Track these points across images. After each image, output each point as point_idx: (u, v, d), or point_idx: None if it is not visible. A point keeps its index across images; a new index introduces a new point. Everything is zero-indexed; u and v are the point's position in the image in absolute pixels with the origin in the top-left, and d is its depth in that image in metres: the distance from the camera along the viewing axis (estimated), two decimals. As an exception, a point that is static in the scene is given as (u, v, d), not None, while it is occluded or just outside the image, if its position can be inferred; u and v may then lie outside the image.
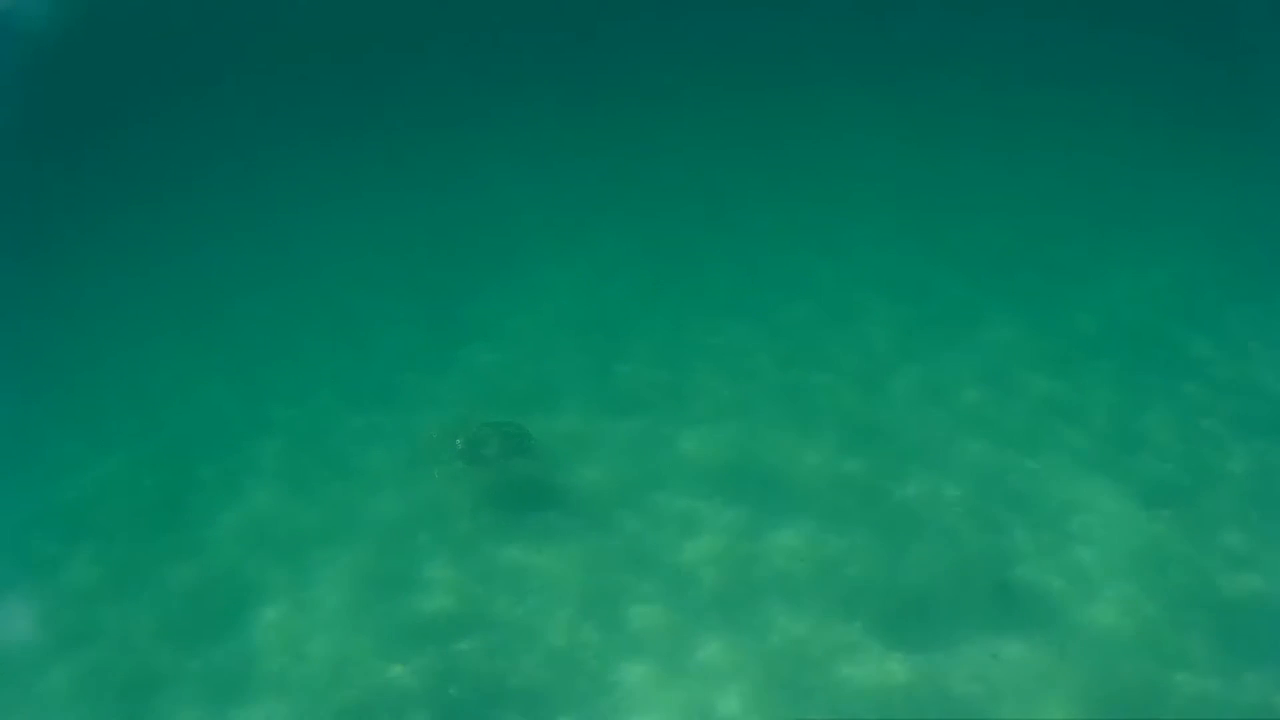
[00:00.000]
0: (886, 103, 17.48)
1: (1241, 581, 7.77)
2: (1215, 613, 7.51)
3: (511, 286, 13.87)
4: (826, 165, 16.20)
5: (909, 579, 8.10)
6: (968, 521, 8.64)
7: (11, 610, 9.09)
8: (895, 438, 9.85)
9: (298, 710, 7.67)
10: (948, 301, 12.45)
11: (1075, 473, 9.11)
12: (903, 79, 18.12)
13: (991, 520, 8.63)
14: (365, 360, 12.53)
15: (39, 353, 13.71)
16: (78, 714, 7.91)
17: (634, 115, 17.98)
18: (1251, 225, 13.45)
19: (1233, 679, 6.96)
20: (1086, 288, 12.48)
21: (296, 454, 10.85)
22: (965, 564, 8.16)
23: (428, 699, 7.56)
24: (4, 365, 13.48)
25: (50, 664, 8.40)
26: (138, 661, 8.33)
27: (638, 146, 17.15)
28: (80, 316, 14.59)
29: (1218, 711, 6.74)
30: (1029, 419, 9.96)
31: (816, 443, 9.86)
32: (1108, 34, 18.37)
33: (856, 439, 9.86)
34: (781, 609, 7.96)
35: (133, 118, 17.98)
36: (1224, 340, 10.99)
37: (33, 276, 15.47)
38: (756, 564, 8.45)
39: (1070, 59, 18.26)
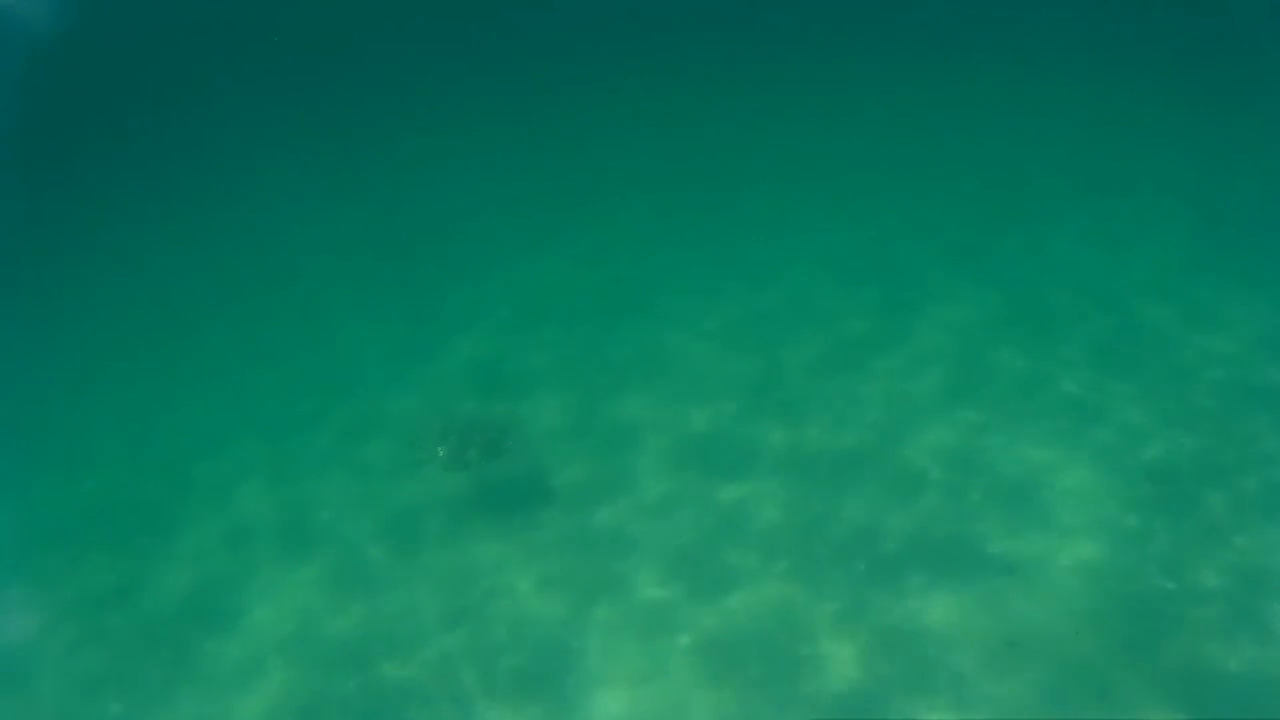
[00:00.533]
0: (866, 84, 17.45)
1: (1221, 552, 7.71)
2: (1193, 583, 7.44)
3: (492, 280, 14.01)
4: (804, 148, 16.22)
5: (887, 554, 8.10)
6: (943, 498, 8.62)
7: (17, 618, 9.35)
8: (872, 416, 9.88)
9: (296, 709, 7.75)
10: (923, 279, 12.46)
11: (1049, 447, 9.06)
12: (881, 59, 18.07)
13: (967, 496, 8.60)
14: (351, 358, 12.77)
15: (31, 363, 13.78)
16: (81, 715, 8.10)
17: (606, 108, 17.96)
18: (1232, 196, 13.32)
19: (1228, 645, 6.91)
20: (1063, 262, 12.45)
21: (285, 457, 11.05)
22: (942, 540, 8.15)
23: (422, 694, 7.64)
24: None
25: (54, 668, 8.65)
26: (136, 662, 8.53)
27: (610, 138, 17.14)
28: (69, 327, 14.70)
29: (1206, 684, 6.71)
30: (1003, 395, 9.93)
31: (795, 423, 9.93)
32: (1099, 5, 18.22)
33: (835, 418, 9.91)
34: (767, 585, 8.01)
35: (113, 130, 17.93)
36: (1197, 312, 10.88)
37: (22, 287, 15.50)
38: (738, 546, 8.49)
39: (1056, 32, 18.17)
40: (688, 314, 12.36)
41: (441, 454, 9.12)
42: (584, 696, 7.33)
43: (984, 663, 7.03)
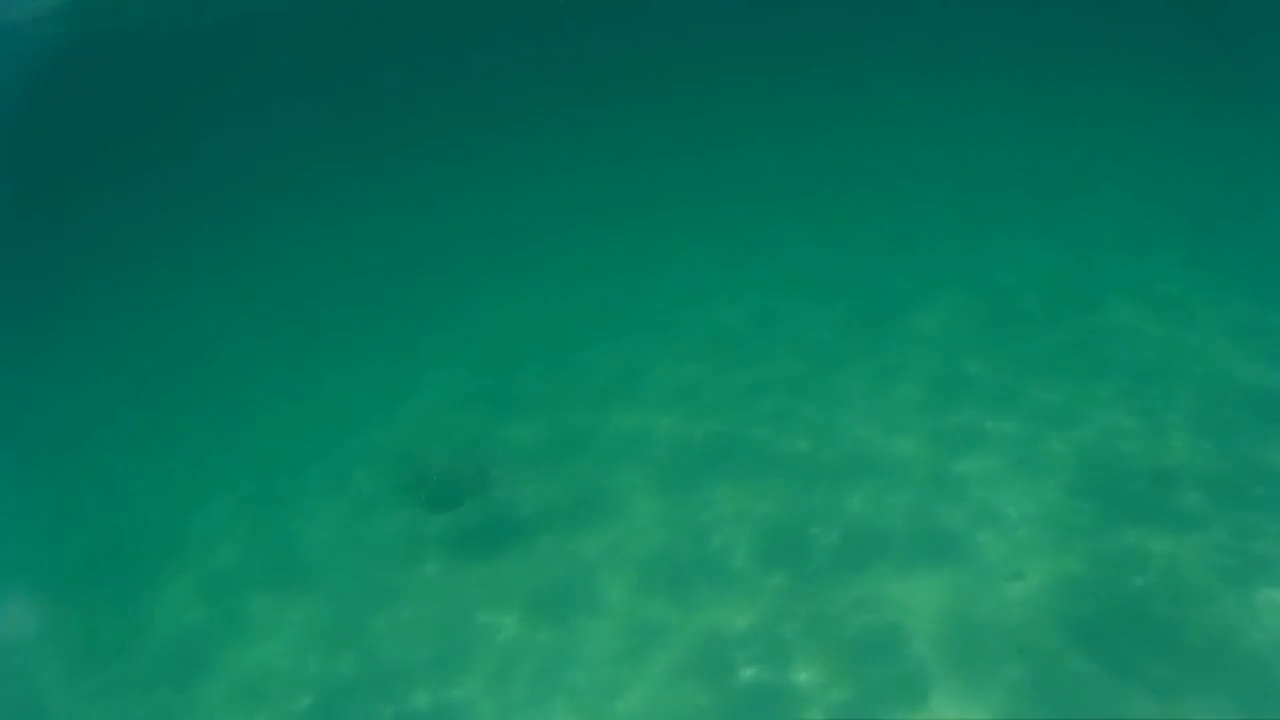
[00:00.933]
0: (843, 93, 17.35)
1: (1211, 546, 7.64)
2: (1186, 580, 7.39)
3: (473, 312, 14.17)
4: (764, 164, 16.20)
5: (880, 562, 8.13)
6: (929, 506, 8.67)
7: (17, 665, 9.53)
8: (856, 428, 9.93)
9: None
10: (887, 292, 12.54)
11: (1033, 450, 9.08)
12: (863, 62, 17.94)
13: (953, 503, 8.64)
14: (337, 399, 12.97)
15: (17, 412, 13.91)
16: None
17: (579, 135, 17.98)
18: (1217, 195, 13.24)
19: (1224, 639, 6.90)
20: (1042, 265, 12.49)
21: (275, 501, 11.25)
22: (932, 548, 8.19)
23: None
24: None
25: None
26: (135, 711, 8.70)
27: (585, 166, 17.18)
28: (55, 372, 14.77)
29: (1203, 680, 6.69)
30: (983, 402, 9.96)
31: (782, 438, 9.98)
32: (1093, 4, 18.03)
33: (819, 432, 9.97)
34: (759, 600, 8.07)
35: (91, 171, 17.89)
36: (1177, 311, 10.87)
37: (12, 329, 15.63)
38: (731, 562, 8.55)
39: (1047, 31, 18.01)
40: (670, 336, 12.50)
41: (428, 490, 9.19)
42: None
43: (982, 668, 7.06)
